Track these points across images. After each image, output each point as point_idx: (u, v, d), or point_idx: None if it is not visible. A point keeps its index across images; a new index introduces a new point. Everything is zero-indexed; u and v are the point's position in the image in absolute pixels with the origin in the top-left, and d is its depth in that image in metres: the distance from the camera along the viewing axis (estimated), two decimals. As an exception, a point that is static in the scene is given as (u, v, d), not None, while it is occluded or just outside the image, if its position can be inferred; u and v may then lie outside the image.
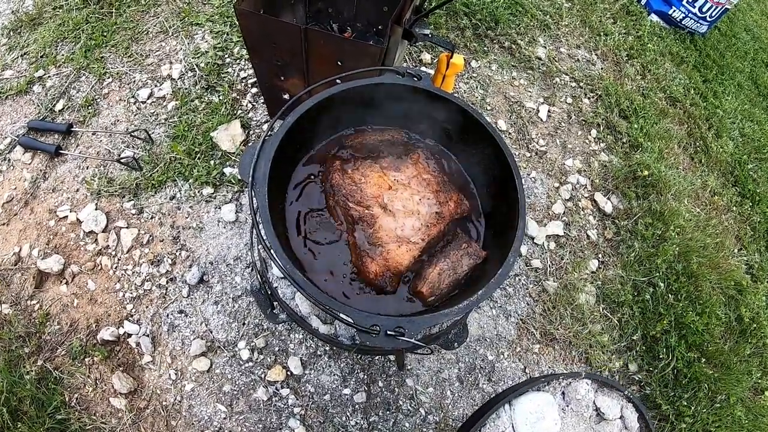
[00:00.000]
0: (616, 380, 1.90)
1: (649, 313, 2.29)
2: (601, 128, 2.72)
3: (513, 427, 1.21)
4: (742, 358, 2.40)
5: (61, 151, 2.24)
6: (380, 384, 1.90)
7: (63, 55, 2.54)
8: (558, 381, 1.33)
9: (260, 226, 1.19)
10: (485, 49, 2.74)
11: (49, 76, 2.48)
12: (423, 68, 2.56)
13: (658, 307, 2.30)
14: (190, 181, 2.14)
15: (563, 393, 1.32)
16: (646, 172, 2.52)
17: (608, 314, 2.25)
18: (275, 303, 1.57)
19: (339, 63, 1.72)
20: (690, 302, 2.35)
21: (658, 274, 2.35)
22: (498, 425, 1.21)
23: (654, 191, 2.53)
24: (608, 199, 2.51)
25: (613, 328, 2.24)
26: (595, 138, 2.69)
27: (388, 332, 1.24)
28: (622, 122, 2.75)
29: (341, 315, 1.20)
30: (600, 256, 2.37)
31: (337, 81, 1.43)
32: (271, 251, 1.18)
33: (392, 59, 1.81)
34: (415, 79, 1.46)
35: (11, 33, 2.68)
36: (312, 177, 1.50)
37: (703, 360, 2.25)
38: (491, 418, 1.23)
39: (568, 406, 1.30)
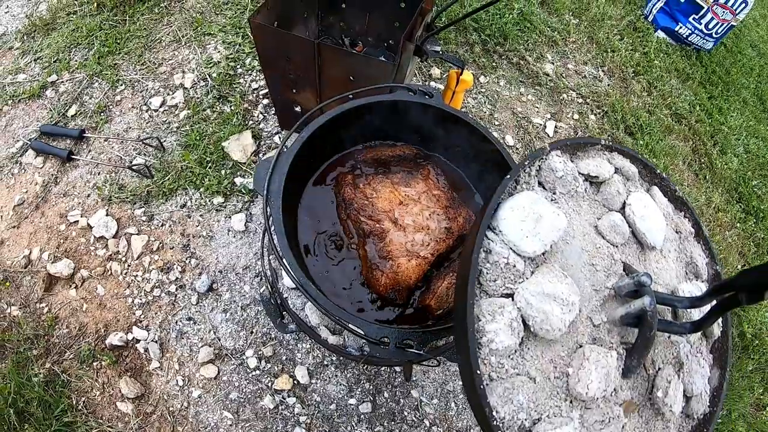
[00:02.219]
0: (583, 136, 1.59)
1: (652, 329, 2.31)
2: (607, 144, 2.73)
3: (513, 248, 0.86)
4: (744, 373, 2.42)
5: (73, 157, 2.26)
6: (386, 395, 1.91)
7: (76, 60, 2.57)
8: (524, 171, 0.97)
9: (274, 239, 1.21)
10: (494, 64, 2.77)
11: (62, 81, 2.51)
12: (432, 83, 2.59)
13: (661, 323, 2.31)
14: (201, 190, 2.16)
15: (540, 183, 0.99)
16: (650, 189, 2.54)
17: (611, 329, 2.27)
18: (285, 313, 1.60)
19: (351, 78, 1.75)
20: (693, 318, 2.37)
21: (661, 289, 2.36)
22: (494, 258, 0.86)
23: (658, 207, 2.55)
24: (613, 214, 2.53)
25: (616, 342, 2.26)
26: (600, 153, 2.70)
27: (398, 344, 1.26)
28: (628, 139, 2.77)
29: (352, 327, 1.22)
30: (604, 270, 2.38)
31: (350, 97, 1.46)
32: (285, 263, 1.20)
33: (403, 75, 1.84)
34: (427, 96, 1.49)
35: (25, 37, 2.71)
36: (324, 191, 1.53)
37: (706, 376, 2.27)
38: (482, 260, 0.85)
39: (554, 193, 0.99)
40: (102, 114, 2.39)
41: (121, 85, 2.47)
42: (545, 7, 3.16)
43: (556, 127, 2.69)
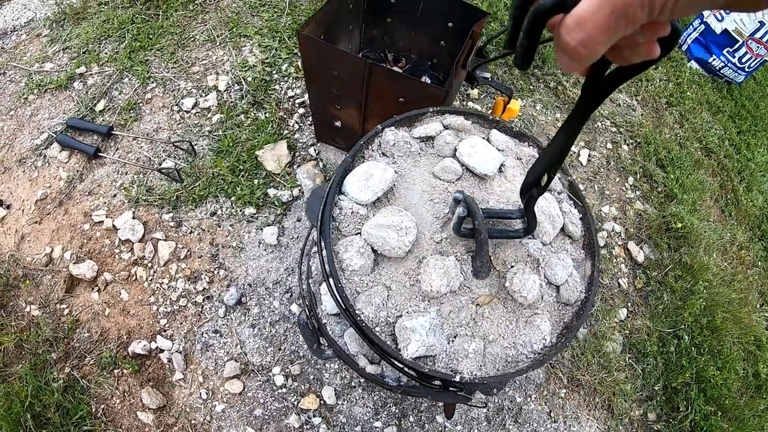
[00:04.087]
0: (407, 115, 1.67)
1: (672, 365, 2.31)
2: (638, 176, 2.72)
3: (355, 201, 1.15)
4: (756, 413, 2.42)
5: (100, 154, 2.21)
6: (411, 419, 1.89)
7: (106, 53, 2.51)
8: (366, 148, 1.25)
9: (327, 270, 1.18)
10: (531, 87, 2.74)
11: (90, 74, 2.45)
12: (470, 103, 2.55)
13: (681, 360, 2.31)
14: (233, 198, 2.11)
15: (383, 153, 1.25)
16: (679, 225, 2.53)
17: (633, 363, 2.26)
18: (322, 339, 1.57)
19: (401, 100, 1.72)
20: (712, 356, 2.37)
21: (683, 326, 2.36)
22: (345, 211, 1.14)
23: (686, 244, 2.54)
24: (641, 248, 2.51)
25: (636, 377, 2.25)
26: (631, 185, 2.69)
27: (450, 388, 1.24)
28: (659, 171, 2.75)
29: (406, 369, 1.20)
30: (629, 305, 2.38)
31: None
32: (341, 301, 1.17)
33: (452, 100, 1.81)
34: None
35: (54, 24, 2.64)
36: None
37: (720, 414, 2.27)
38: (336, 214, 1.15)
39: (393, 157, 1.24)
40: (131, 111, 2.33)
41: (152, 82, 2.41)
42: (581, 30, 3.13)
43: (589, 155, 2.66)
